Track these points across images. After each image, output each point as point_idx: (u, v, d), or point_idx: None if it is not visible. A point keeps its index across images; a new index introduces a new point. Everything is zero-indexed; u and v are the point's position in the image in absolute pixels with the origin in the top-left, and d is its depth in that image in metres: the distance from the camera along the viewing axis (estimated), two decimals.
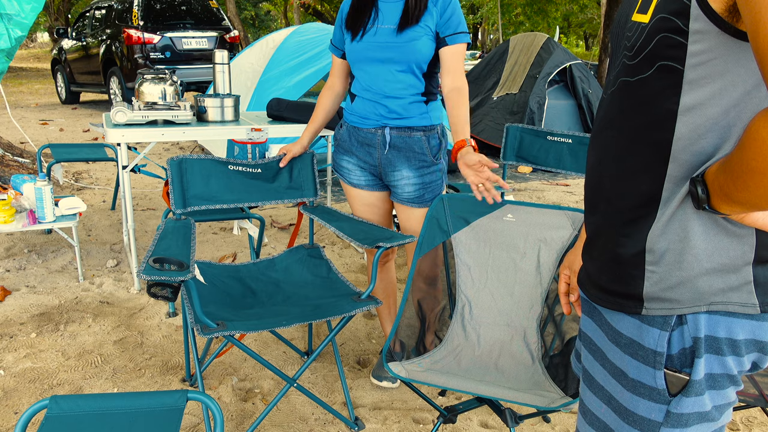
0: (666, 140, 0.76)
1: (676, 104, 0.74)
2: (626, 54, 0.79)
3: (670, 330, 0.81)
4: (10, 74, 15.03)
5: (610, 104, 0.84)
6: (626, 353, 0.86)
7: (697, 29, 0.70)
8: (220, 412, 1.17)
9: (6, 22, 3.66)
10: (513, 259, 1.88)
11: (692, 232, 0.78)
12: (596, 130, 0.90)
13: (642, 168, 0.79)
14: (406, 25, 1.86)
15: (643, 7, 0.76)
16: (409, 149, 1.97)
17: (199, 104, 2.94)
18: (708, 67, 0.71)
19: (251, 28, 25.10)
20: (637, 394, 0.86)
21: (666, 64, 0.74)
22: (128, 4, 8.30)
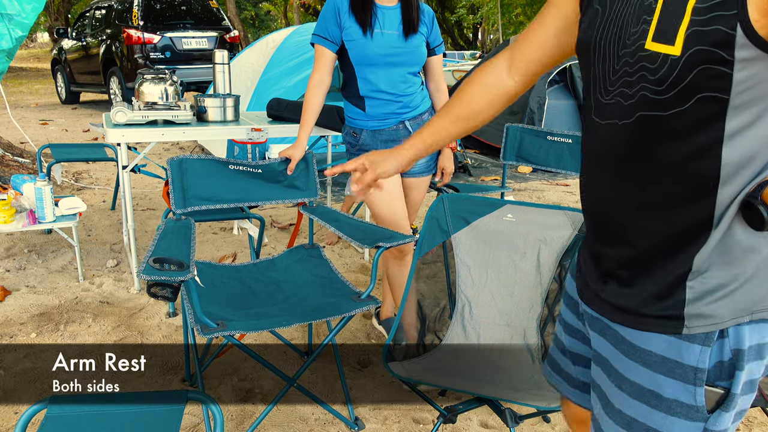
0: (713, 168, 0.72)
1: (721, 131, 0.71)
2: (651, 88, 0.73)
3: (712, 345, 0.79)
4: (10, 74, 15.03)
5: (627, 139, 0.78)
6: (658, 372, 0.82)
7: (743, 57, 0.66)
8: (220, 412, 1.17)
9: (6, 22, 3.66)
10: (513, 259, 1.88)
11: (736, 247, 0.77)
12: (605, 159, 0.84)
13: (690, 197, 0.75)
14: (410, 32, 2.04)
15: (665, 37, 0.70)
16: None
17: (199, 104, 2.94)
18: (754, 91, 0.68)
19: (251, 28, 25.11)
20: (672, 414, 0.81)
21: (709, 96, 0.69)
22: (128, 4, 8.29)
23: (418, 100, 2.16)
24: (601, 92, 0.82)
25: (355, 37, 2.02)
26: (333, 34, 2.05)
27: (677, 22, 0.68)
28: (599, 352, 0.92)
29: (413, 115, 2.16)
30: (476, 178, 5.45)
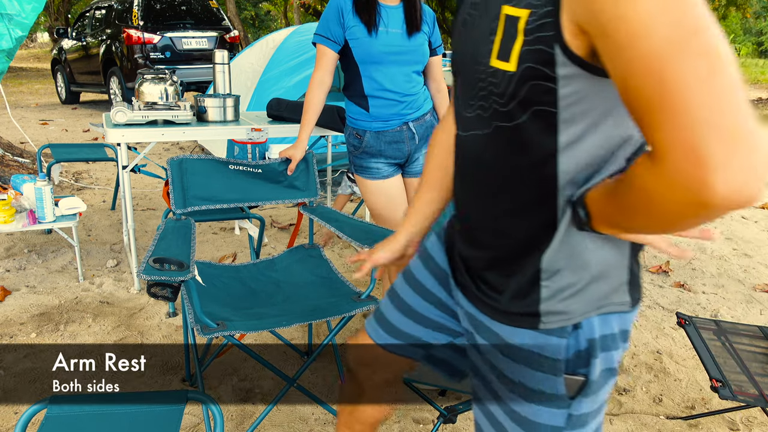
0: (551, 176, 0.79)
1: (554, 143, 0.77)
2: (497, 100, 0.79)
3: (567, 337, 0.86)
4: (10, 74, 15.02)
5: (483, 148, 0.86)
6: (523, 365, 0.89)
7: (564, 74, 0.71)
8: (220, 412, 1.17)
9: (6, 22, 3.65)
10: None
11: (580, 247, 0.83)
12: (468, 168, 0.92)
13: (533, 202, 0.82)
14: (413, 31, 2.06)
15: (504, 55, 0.76)
16: (428, 131, 2.20)
17: (199, 104, 2.94)
18: (580, 105, 0.74)
19: (251, 28, 25.10)
20: (538, 403, 0.89)
21: (540, 109, 0.75)
22: (128, 4, 8.29)
23: (421, 101, 2.17)
24: (464, 107, 0.89)
25: (359, 35, 2.02)
26: (335, 33, 2.05)
27: (512, 42, 0.75)
28: (474, 338, 0.98)
29: (417, 116, 2.17)
30: None
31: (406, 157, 2.20)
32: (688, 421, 2.05)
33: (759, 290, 3.18)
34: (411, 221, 1.18)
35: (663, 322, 2.77)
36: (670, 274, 3.35)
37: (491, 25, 0.79)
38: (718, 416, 2.07)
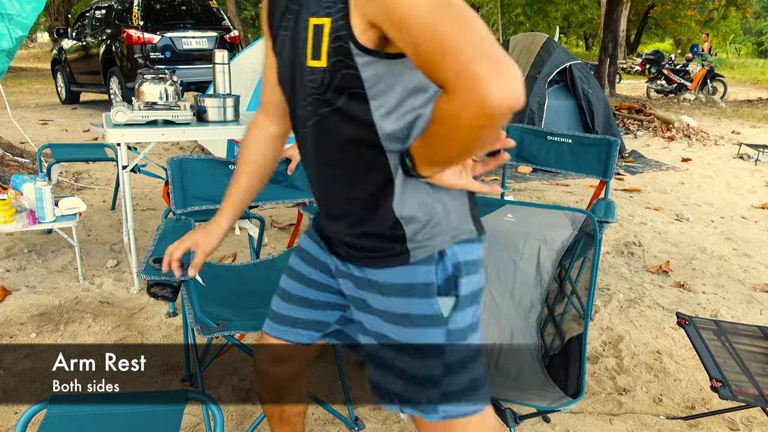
0: (376, 141, 1.00)
1: (369, 114, 0.98)
2: (317, 92, 0.99)
3: (435, 264, 1.06)
4: (10, 74, 15.02)
5: (319, 133, 1.05)
6: (403, 296, 1.07)
7: (362, 63, 0.94)
8: (220, 412, 1.17)
9: (6, 22, 3.65)
10: (513, 259, 1.88)
11: (421, 191, 1.04)
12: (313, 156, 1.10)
13: (369, 166, 1.03)
14: None
15: (316, 55, 0.97)
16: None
17: (199, 104, 2.94)
18: (382, 83, 0.96)
19: (251, 28, 25.08)
20: (423, 326, 1.06)
21: (352, 92, 0.97)
22: (128, 4, 8.29)
23: None
24: (298, 108, 1.08)
25: None
26: None
27: (321, 44, 0.97)
28: (356, 297, 1.15)
29: None
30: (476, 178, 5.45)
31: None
32: (688, 421, 2.05)
33: (759, 290, 3.18)
34: (231, 207, 1.34)
35: (663, 322, 2.77)
36: (670, 274, 3.35)
37: (302, 34, 1.01)
38: (718, 416, 2.07)
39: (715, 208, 4.81)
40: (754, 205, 4.94)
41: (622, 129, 8.06)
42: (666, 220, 4.39)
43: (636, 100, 11.66)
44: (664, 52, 16.52)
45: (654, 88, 13.55)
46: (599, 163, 2.68)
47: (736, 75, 21.26)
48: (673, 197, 5.12)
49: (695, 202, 5.00)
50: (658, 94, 13.48)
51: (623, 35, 20.46)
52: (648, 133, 8.01)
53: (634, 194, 5.16)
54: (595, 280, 1.75)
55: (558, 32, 12.95)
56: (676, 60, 14.67)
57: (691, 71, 13.53)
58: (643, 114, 8.75)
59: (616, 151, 2.63)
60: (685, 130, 8.02)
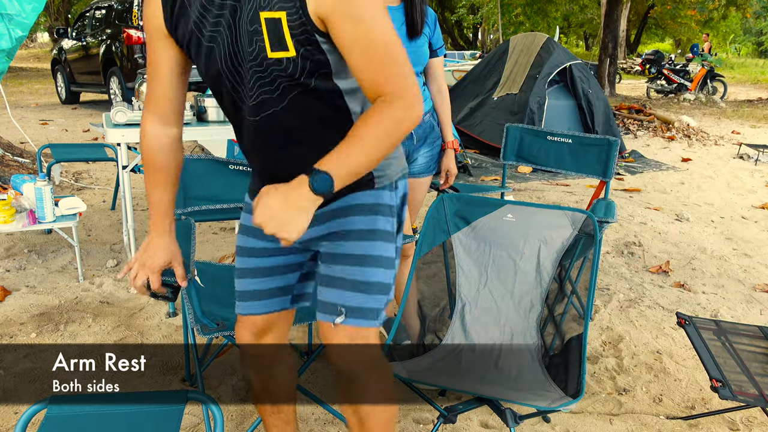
0: (345, 107, 1.18)
1: (338, 89, 1.15)
2: (287, 79, 1.11)
3: (393, 190, 1.29)
4: (10, 74, 15.02)
5: (286, 113, 1.15)
6: (371, 215, 1.25)
7: (328, 49, 1.08)
8: (220, 412, 1.17)
9: (6, 22, 3.65)
10: (513, 259, 1.89)
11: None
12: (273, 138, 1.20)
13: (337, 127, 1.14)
14: (414, 34, 2.06)
15: (280, 47, 1.08)
16: (426, 131, 2.20)
17: (199, 104, 2.94)
18: (344, 63, 1.10)
19: None
20: (382, 240, 1.25)
21: (322, 72, 1.11)
22: (128, 4, 8.29)
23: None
24: (243, 99, 1.16)
25: None
26: None
27: (282, 35, 1.07)
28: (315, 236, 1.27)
29: None
30: (476, 178, 5.45)
31: (407, 157, 2.19)
32: (688, 421, 2.05)
33: (759, 290, 3.18)
34: (160, 215, 1.35)
35: (663, 322, 2.77)
36: (670, 274, 3.35)
37: (251, 29, 1.08)
38: (718, 416, 2.07)
39: (715, 208, 4.81)
40: (754, 205, 4.94)
41: (622, 129, 8.06)
42: (666, 220, 4.39)
43: (636, 100, 11.66)
44: (664, 52, 16.52)
45: (654, 88, 13.56)
46: (599, 163, 2.68)
47: (736, 75, 21.26)
48: (673, 197, 5.12)
49: (695, 202, 5.00)
50: (658, 94, 13.48)
51: (623, 35, 20.46)
52: (648, 133, 8.01)
53: (634, 194, 5.16)
54: (595, 280, 1.75)
55: (558, 32, 12.96)
56: (676, 60, 14.68)
57: (691, 71, 13.54)
58: (643, 114, 8.75)
59: (616, 151, 2.63)
60: (685, 130, 8.02)
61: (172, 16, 1.16)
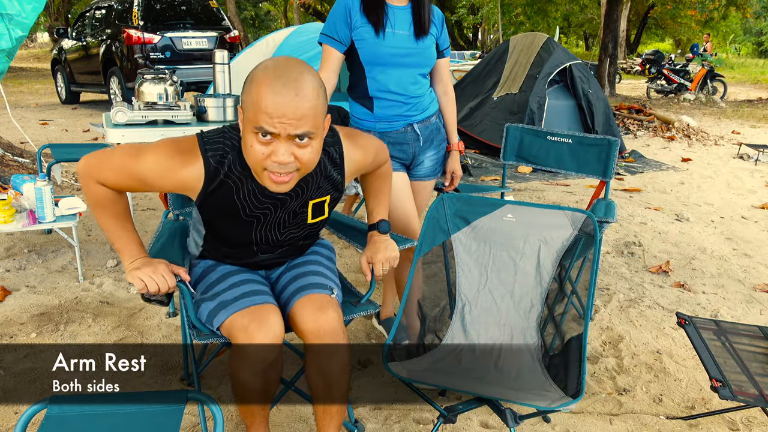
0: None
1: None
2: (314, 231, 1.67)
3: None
4: (10, 74, 15.02)
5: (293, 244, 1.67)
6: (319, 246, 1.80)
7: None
8: (220, 412, 1.17)
9: (6, 22, 3.65)
10: (513, 259, 1.88)
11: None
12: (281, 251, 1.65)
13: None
14: (421, 33, 2.03)
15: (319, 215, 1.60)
16: (432, 134, 2.18)
17: (199, 104, 2.94)
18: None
19: (251, 28, 25.08)
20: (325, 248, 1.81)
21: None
22: (128, 4, 8.29)
23: (426, 103, 2.14)
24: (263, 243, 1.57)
25: (366, 36, 1.98)
26: (342, 34, 2.01)
27: (323, 208, 1.54)
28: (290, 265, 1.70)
29: (421, 117, 2.13)
30: (476, 178, 5.45)
31: (411, 158, 2.18)
32: (688, 421, 2.05)
33: (759, 290, 3.18)
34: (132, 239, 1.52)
35: (663, 322, 2.77)
36: (670, 274, 3.35)
37: (299, 210, 1.51)
38: (718, 416, 2.07)
39: (715, 208, 4.81)
40: (754, 205, 4.94)
41: (622, 129, 8.06)
42: (666, 220, 4.39)
43: (636, 100, 11.66)
44: (664, 52, 16.52)
45: (654, 88, 13.56)
46: (599, 163, 2.68)
47: (736, 75, 21.26)
48: (673, 197, 5.12)
49: (695, 202, 5.00)
50: (658, 94, 13.48)
51: (623, 35, 20.46)
52: (648, 133, 8.01)
53: (634, 194, 5.16)
54: (595, 280, 1.75)
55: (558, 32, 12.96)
56: (676, 60, 14.67)
57: (691, 71, 13.53)
58: (643, 114, 8.75)
59: (616, 151, 2.63)
60: (685, 130, 8.02)
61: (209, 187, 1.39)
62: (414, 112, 2.11)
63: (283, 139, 1.24)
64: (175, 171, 1.34)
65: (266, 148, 1.25)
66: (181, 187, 1.38)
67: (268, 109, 1.20)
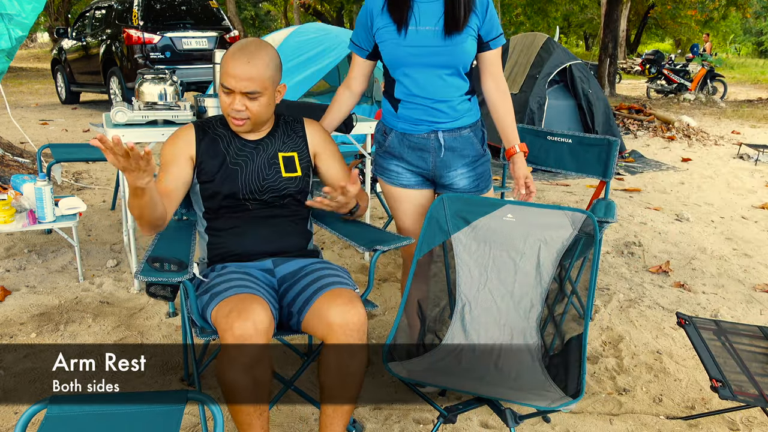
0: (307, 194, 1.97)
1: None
2: (296, 191, 1.86)
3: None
4: (10, 74, 15.01)
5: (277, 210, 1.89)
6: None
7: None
8: (220, 412, 1.17)
9: (6, 22, 3.65)
10: (513, 259, 1.88)
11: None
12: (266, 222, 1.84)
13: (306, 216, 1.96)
14: (453, 28, 1.79)
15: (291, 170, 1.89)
16: (462, 147, 1.95)
17: (199, 104, 2.93)
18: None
19: (251, 28, 25.09)
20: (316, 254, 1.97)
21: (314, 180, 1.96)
22: (128, 4, 8.29)
23: (459, 110, 1.90)
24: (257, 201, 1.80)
25: (387, 37, 1.84)
26: (363, 39, 1.92)
27: (294, 164, 1.83)
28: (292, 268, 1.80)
29: (449, 126, 1.91)
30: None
31: (431, 170, 1.97)
32: (688, 421, 2.05)
33: (759, 290, 3.18)
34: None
35: (663, 322, 2.77)
36: (670, 274, 3.35)
37: (271, 160, 1.81)
38: (718, 416, 2.07)
39: (715, 208, 4.81)
40: (754, 205, 4.94)
41: (622, 129, 8.06)
42: (666, 220, 4.39)
43: (636, 100, 11.66)
44: (664, 52, 16.52)
45: (654, 88, 13.56)
46: (599, 163, 2.68)
47: (736, 75, 21.25)
48: (673, 197, 5.12)
49: (695, 202, 5.00)
50: (658, 94, 13.48)
51: (623, 35, 20.45)
52: (648, 133, 8.01)
53: (634, 194, 5.16)
54: (595, 280, 1.75)
55: (558, 32, 12.95)
56: (676, 60, 14.67)
57: (691, 71, 13.53)
58: (643, 114, 8.75)
59: (616, 151, 2.63)
60: (685, 130, 8.02)
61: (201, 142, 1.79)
62: (441, 119, 1.90)
63: (237, 94, 1.68)
64: (177, 137, 1.80)
65: (228, 99, 1.70)
66: (185, 147, 1.77)
67: (229, 70, 1.66)
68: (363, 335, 1.53)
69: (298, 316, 1.65)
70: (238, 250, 1.79)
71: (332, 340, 1.52)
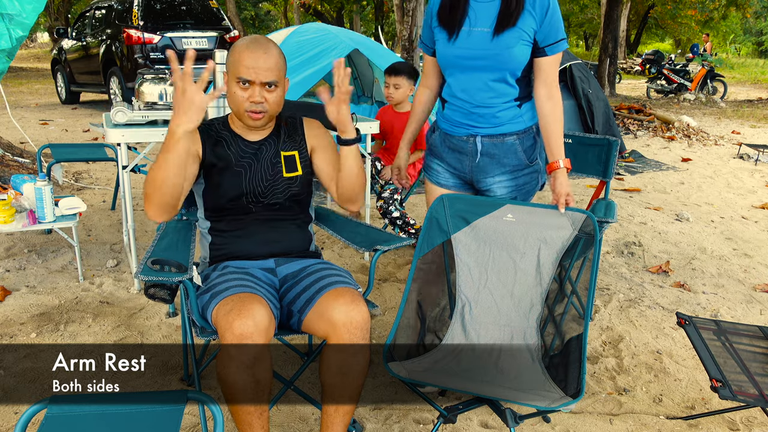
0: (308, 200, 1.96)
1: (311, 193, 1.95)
2: (298, 191, 1.85)
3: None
4: (10, 74, 15.01)
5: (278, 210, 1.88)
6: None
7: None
8: (220, 412, 1.17)
9: (7, 22, 3.65)
10: (513, 259, 1.88)
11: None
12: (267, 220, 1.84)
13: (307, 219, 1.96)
14: (503, 28, 1.72)
15: (292, 169, 1.87)
16: (503, 155, 1.88)
17: None
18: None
19: (251, 28, 25.08)
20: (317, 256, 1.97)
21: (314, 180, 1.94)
22: (128, 4, 8.29)
23: (503, 117, 1.84)
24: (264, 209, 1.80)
25: (440, 38, 1.83)
26: (428, 38, 1.92)
27: (294, 163, 1.81)
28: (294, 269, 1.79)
29: (490, 132, 1.85)
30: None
31: (468, 173, 1.95)
32: (688, 421, 2.05)
33: (759, 290, 3.18)
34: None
35: (663, 322, 2.77)
36: (670, 274, 3.35)
37: (273, 160, 1.79)
38: (718, 416, 2.07)
39: (715, 208, 4.81)
40: (754, 205, 4.94)
41: (622, 129, 8.06)
42: (666, 220, 4.39)
43: (636, 100, 11.66)
44: (664, 52, 16.52)
45: (654, 88, 13.56)
46: (599, 163, 2.68)
47: (736, 75, 21.25)
48: (673, 197, 5.12)
49: (695, 202, 5.00)
50: (658, 94, 13.48)
51: (623, 35, 20.46)
52: (648, 133, 8.00)
53: (634, 194, 5.16)
54: (595, 280, 1.75)
55: None
56: (676, 60, 14.68)
57: (691, 71, 13.54)
58: (643, 114, 8.75)
59: (616, 151, 2.63)
60: (685, 130, 8.02)
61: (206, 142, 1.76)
62: (481, 124, 1.85)
63: (257, 85, 1.66)
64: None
65: (245, 93, 1.67)
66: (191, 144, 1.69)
67: (247, 62, 1.63)
68: (366, 334, 1.53)
69: (300, 316, 1.65)
70: (240, 251, 1.78)
71: (335, 338, 1.52)
